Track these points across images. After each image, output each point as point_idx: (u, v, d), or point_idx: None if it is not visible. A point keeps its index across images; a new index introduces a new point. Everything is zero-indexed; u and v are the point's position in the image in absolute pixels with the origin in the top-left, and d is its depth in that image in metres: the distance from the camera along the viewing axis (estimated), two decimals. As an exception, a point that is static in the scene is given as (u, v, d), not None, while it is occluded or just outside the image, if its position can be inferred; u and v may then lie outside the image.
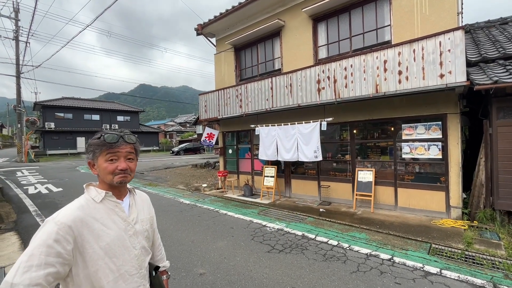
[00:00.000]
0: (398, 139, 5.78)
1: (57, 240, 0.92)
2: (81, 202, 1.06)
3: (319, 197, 7.02)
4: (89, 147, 1.12)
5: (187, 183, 10.69)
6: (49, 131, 27.32)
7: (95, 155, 1.10)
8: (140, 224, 1.18)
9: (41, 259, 0.89)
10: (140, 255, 1.14)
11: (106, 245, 1.02)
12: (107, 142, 1.10)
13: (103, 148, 1.09)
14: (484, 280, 3.03)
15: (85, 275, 0.99)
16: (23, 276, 0.86)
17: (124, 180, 1.12)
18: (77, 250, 0.97)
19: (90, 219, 1.02)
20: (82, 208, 1.03)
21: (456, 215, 5.06)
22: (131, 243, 1.11)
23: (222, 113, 8.37)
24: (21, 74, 20.89)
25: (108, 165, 1.09)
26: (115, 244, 1.05)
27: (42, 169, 15.99)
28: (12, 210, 6.70)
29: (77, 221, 0.98)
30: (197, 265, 3.60)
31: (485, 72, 4.58)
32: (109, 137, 1.11)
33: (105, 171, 1.09)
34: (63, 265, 0.93)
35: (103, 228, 1.04)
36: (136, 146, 1.19)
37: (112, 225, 1.07)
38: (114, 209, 1.10)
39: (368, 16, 6.25)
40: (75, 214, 1.00)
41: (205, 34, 9.62)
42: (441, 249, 3.88)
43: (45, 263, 0.89)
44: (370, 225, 4.95)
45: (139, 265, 1.13)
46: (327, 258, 3.73)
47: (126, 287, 1.07)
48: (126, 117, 34.74)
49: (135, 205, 1.21)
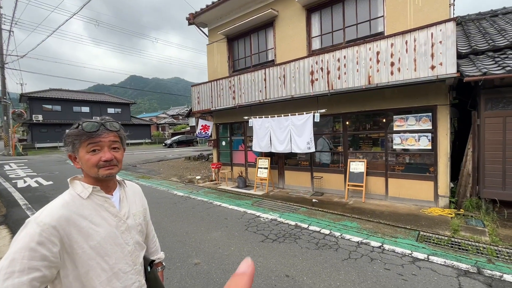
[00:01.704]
0: (389, 130, 5.88)
1: (41, 242, 0.84)
2: (65, 199, 0.96)
3: (312, 188, 7.12)
4: (67, 138, 1.01)
5: (181, 175, 10.66)
6: (37, 123, 26.60)
7: (74, 146, 1.00)
8: (133, 218, 1.11)
9: (24, 263, 0.81)
10: (134, 250, 1.08)
11: (96, 244, 0.95)
12: (86, 131, 0.99)
13: (83, 138, 0.99)
14: (468, 264, 3.16)
15: (74, 277, 0.92)
16: (5, 283, 0.78)
17: (111, 173, 1.03)
18: (64, 251, 0.89)
19: (76, 217, 0.94)
20: (67, 205, 0.94)
21: (444, 204, 5.22)
22: (124, 239, 1.04)
23: (215, 104, 8.30)
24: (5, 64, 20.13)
25: (90, 157, 0.99)
26: (107, 242, 0.98)
27: (31, 162, 15.64)
28: (2, 204, 6.57)
29: (62, 220, 0.90)
30: (191, 255, 3.63)
31: (475, 64, 4.66)
32: (88, 125, 1.00)
33: (88, 163, 0.99)
34: (50, 268, 0.86)
35: (92, 226, 0.96)
36: (120, 134, 1.08)
37: (102, 222, 0.99)
38: (103, 205, 1.02)
39: (361, 6, 6.23)
40: (60, 213, 0.91)
41: (197, 24, 9.42)
42: (429, 236, 4.02)
43: (29, 267, 0.81)
44: (361, 215, 5.07)
45: (133, 261, 1.07)
46: (320, 246, 3.81)
47: (120, 285, 1.01)
48: (117, 109, 34.07)
49: (126, 199, 1.13)
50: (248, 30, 8.33)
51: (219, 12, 8.70)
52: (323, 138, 7.05)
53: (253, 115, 7.64)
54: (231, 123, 9.05)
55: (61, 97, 29.13)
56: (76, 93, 32.55)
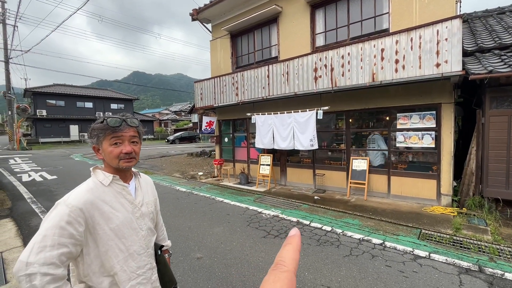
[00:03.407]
0: (392, 128, 5.85)
1: (69, 222, 0.96)
2: (90, 185, 1.08)
3: (314, 185, 7.13)
4: (93, 131, 1.12)
5: (183, 171, 10.71)
6: (41, 118, 26.79)
7: (99, 139, 1.11)
8: (146, 206, 1.22)
9: (55, 239, 0.92)
10: (147, 235, 1.19)
11: (115, 227, 1.06)
12: (111, 126, 1.10)
13: (107, 132, 1.10)
14: (470, 263, 3.17)
15: (95, 255, 1.03)
16: (38, 256, 0.89)
17: (130, 165, 1.14)
18: (88, 231, 1.01)
19: (99, 202, 1.05)
20: (92, 191, 1.06)
21: (446, 203, 5.21)
22: (138, 224, 1.15)
23: (218, 101, 8.31)
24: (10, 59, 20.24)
25: (113, 149, 1.10)
26: (124, 225, 1.09)
27: (35, 157, 15.79)
28: (7, 197, 6.66)
29: (87, 203, 1.01)
30: (194, 250, 3.67)
31: (481, 62, 4.61)
32: (112, 121, 1.11)
33: (111, 155, 1.10)
34: (75, 246, 0.97)
35: (112, 211, 1.07)
36: (139, 129, 1.20)
37: (120, 208, 1.10)
38: (121, 192, 1.13)
39: (366, 3, 6.17)
40: (86, 197, 1.02)
41: (201, 20, 9.39)
42: (430, 234, 4.02)
43: (58, 243, 0.92)
44: (363, 212, 5.08)
45: (146, 245, 1.17)
46: (321, 243, 3.83)
47: (135, 265, 1.12)
48: (120, 105, 34.17)
49: (140, 188, 1.24)
50: (252, 26, 8.29)
51: (222, 8, 8.66)
52: (378, 134, 6.15)
53: (256, 111, 7.63)
54: (233, 119, 9.06)
55: (65, 92, 29.27)
56: (79, 89, 32.66)
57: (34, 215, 5.24)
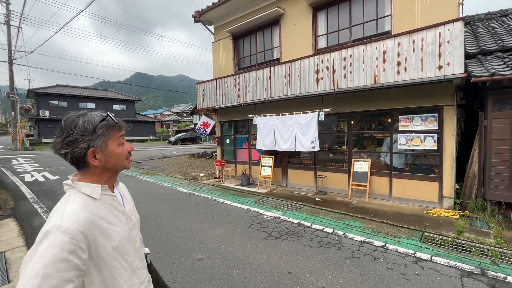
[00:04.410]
0: (394, 130, 5.84)
1: (72, 251, 0.78)
2: (79, 202, 0.89)
3: (316, 187, 7.13)
4: (99, 129, 0.93)
5: (185, 172, 10.73)
6: (43, 119, 26.95)
7: (104, 139, 0.95)
8: (133, 215, 1.11)
9: (60, 277, 0.74)
10: (140, 246, 1.09)
11: (118, 244, 0.93)
12: (116, 123, 0.99)
13: (116, 129, 0.98)
14: (472, 266, 3.15)
15: (99, 281, 0.88)
16: None
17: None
18: (89, 257, 0.84)
19: (97, 219, 0.89)
20: (86, 207, 0.88)
21: (449, 205, 5.19)
22: (133, 236, 1.04)
23: (220, 102, 8.33)
24: (14, 60, 20.41)
25: (123, 149, 1.00)
26: (124, 240, 0.96)
27: (38, 157, 15.87)
28: (10, 197, 6.71)
29: (88, 224, 0.85)
30: (195, 251, 3.68)
31: (483, 64, 4.61)
32: (112, 117, 1.00)
33: (121, 156, 0.99)
34: (79, 277, 0.81)
35: (111, 227, 0.93)
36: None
37: (116, 222, 0.97)
38: (112, 204, 0.99)
39: (368, 5, 6.18)
40: (83, 216, 0.85)
41: (203, 22, 9.45)
42: (432, 237, 4.01)
43: (64, 280, 0.75)
44: (364, 214, 5.06)
45: (141, 256, 1.08)
46: (322, 245, 3.83)
47: (138, 281, 1.01)
48: (122, 106, 34.35)
49: (124, 196, 1.12)
50: (254, 28, 8.33)
51: (225, 10, 8.70)
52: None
53: (257, 113, 7.65)
54: (235, 121, 9.08)
55: (67, 93, 29.47)
56: (82, 89, 32.86)
57: (36, 215, 5.27)
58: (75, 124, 0.91)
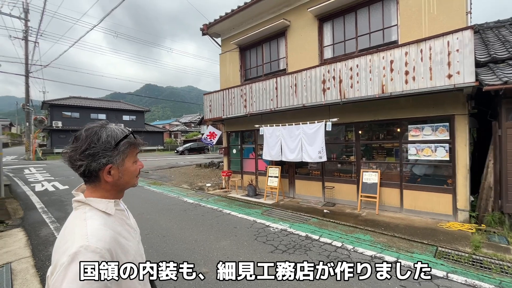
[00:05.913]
0: (404, 140, 5.71)
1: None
2: (98, 219, 0.87)
3: (323, 198, 6.97)
4: (122, 146, 0.92)
5: (191, 182, 10.73)
6: (56, 129, 27.72)
7: (123, 156, 0.94)
8: (137, 227, 1.10)
9: None
10: (145, 260, 1.08)
11: (133, 259, 0.91)
12: (136, 140, 0.98)
13: (133, 146, 0.97)
14: (492, 284, 2.96)
15: None
16: None
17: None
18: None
19: (117, 236, 0.88)
20: (106, 224, 0.88)
21: (464, 218, 4.97)
22: (141, 249, 1.05)
23: (227, 112, 8.38)
24: (30, 73, 21.26)
25: (136, 166, 0.99)
26: (137, 254, 0.96)
27: (49, 167, 16.22)
28: (20, 206, 6.81)
29: (112, 241, 0.84)
30: (200, 264, 3.60)
31: (495, 73, 4.50)
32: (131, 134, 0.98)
33: (134, 173, 0.99)
34: None
35: (127, 242, 0.92)
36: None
37: (129, 236, 0.96)
38: (123, 218, 0.98)
39: (374, 16, 6.20)
40: (107, 234, 0.84)
41: (211, 34, 9.66)
42: (447, 252, 3.81)
43: None
44: (375, 227, 4.89)
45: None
46: (331, 259, 3.69)
47: None
48: (131, 117, 35.08)
49: (127, 209, 1.11)
50: (260, 39, 8.44)
51: (232, 22, 8.89)
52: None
53: (264, 123, 7.64)
54: (242, 131, 9.09)
55: (80, 104, 30.38)
56: (93, 101, 33.83)
57: (44, 225, 5.31)
58: (98, 137, 0.89)
